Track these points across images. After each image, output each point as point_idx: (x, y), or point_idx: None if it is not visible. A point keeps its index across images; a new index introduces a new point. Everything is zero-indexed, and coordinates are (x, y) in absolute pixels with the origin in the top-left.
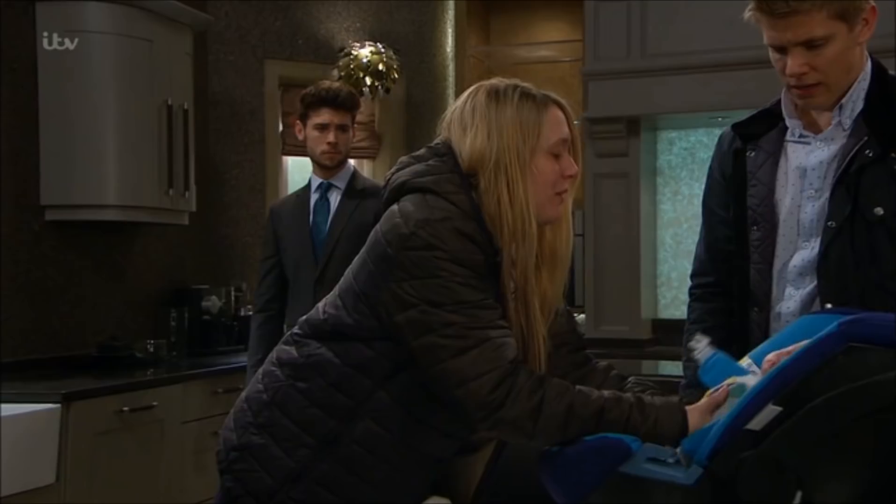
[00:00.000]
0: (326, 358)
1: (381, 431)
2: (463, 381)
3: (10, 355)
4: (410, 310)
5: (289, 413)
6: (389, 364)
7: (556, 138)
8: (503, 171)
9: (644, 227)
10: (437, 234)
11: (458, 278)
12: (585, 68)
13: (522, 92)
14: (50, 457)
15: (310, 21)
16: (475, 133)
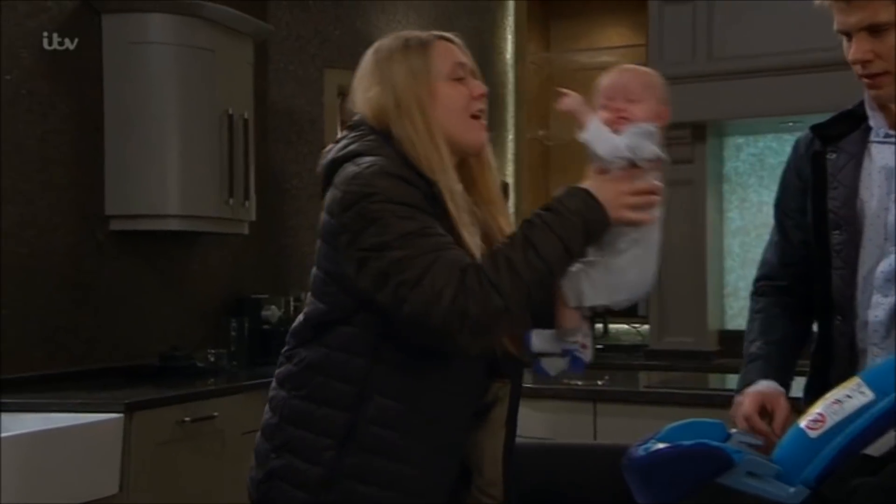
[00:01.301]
0: (316, 355)
1: (390, 404)
2: (427, 307)
3: (74, 365)
4: (365, 266)
5: (300, 423)
6: (373, 335)
7: (449, 63)
8: (405, 115)
9: (710, 236)
10: (367, 182)
11: (395, 215)
12: None
13: (405, 40)
14: (113, 467)
15: (369, 29)
16: (369, 89)
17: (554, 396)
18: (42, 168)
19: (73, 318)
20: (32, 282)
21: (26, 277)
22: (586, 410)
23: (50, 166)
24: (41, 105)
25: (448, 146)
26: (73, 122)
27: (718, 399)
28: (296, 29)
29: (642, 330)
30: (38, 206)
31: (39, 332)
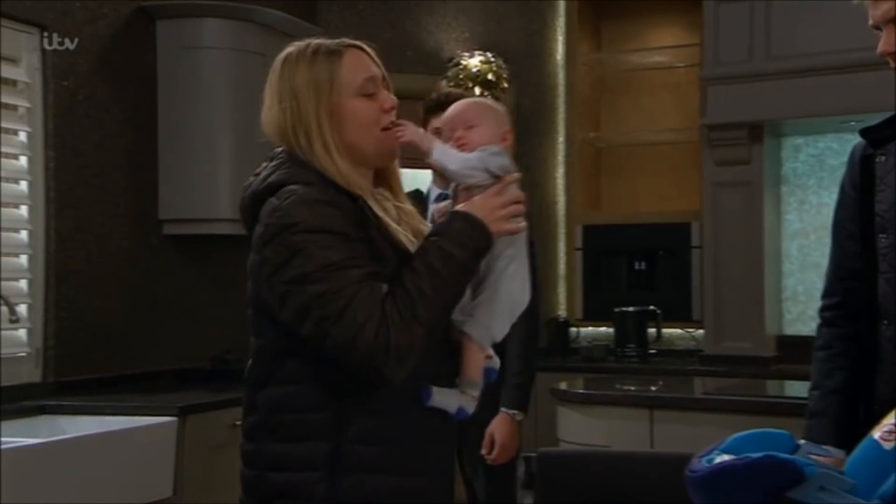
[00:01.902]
0: (276, 394)
1: (370, 421)
2: (351, 341)
3: (129, 368)
4: (287, 300)
5: (284, 467)
6: (325, 359)
7: (359, 79)
8: (306, 134)
9: (768, 239)
10: (286, 213)
11: (317, 245)
12: (705, 72)
13: (312, 50)
14: (167, 470)
15: (419, 32)
16: (271, 106)
17: (609, 403)
18: (98, 173)
19: (127, 321)
20: (88, 286)
21: (82, 281)
22: (643, 417)
23: (105, 171)
24: (97, 110)
25: (359, 160)
26: (127, 128)
27: (782, 407)
28: (345, 32)
29: (696, 334)
30: (93, 210)
31: (95, 336)
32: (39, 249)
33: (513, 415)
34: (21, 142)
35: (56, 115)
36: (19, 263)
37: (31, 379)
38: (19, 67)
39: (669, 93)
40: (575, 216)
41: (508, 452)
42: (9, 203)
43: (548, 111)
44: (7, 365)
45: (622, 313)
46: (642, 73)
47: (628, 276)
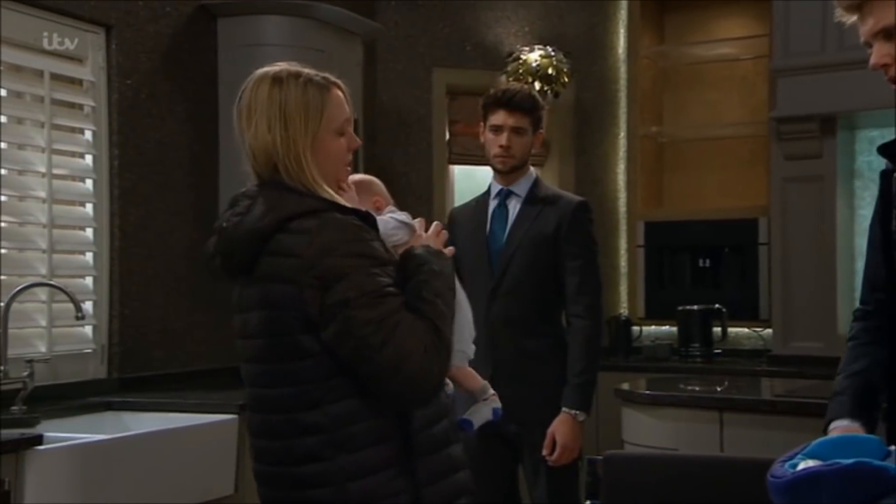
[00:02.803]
0: (340, 410)
1: (428, 412)
2: (396, 369)
3: (190, 365)
4: (331, 323)
5: (362, 474)
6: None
7: (342, 118)
8: (294, 161)
9: (841, 235)
10: (322, 240)
11: (358, 270)
12: (774, 64)
13: (306, 78)
14: (229, 467)
15: (478, 27)
16: (256, 127)
17: (676, 404)
18: (160, 171)
19: (189, 318)
20: (151, 283)
21: (145, 278)
22: (712, 420)
23: (167, 169)
24: (160, 109)
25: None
26: (189, 125)
27: None
28: (404, 28)
29: (764, 334)
30: (156, 207)
31: (158, 333)
32: (104, 247)
33: (574, 415)
34: (87, 140)
35: (120, 114)
36: (85, 261)
37: (96, 375)
38: (85, 67)
39: (735, 86)
40: (636, 213)
41: (570, 454)
42: (74, 201)
43: (609, 106)
44: (74, 361)
45: (686, 312)
46: (706, 66)
47: (692, 274)
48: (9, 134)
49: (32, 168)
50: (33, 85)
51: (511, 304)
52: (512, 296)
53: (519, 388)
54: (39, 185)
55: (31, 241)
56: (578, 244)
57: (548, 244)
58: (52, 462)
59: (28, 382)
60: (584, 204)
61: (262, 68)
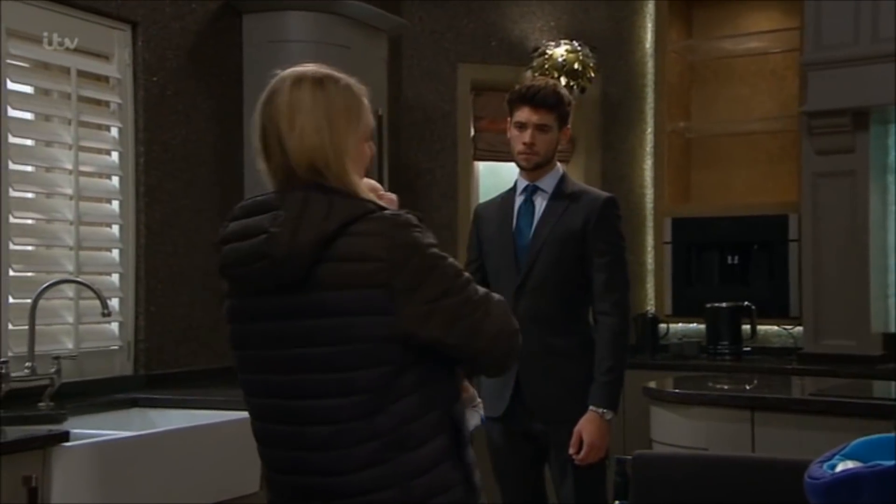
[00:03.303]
0: (400, 410)
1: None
2: (493, 340)
3: (216, 362)
4: (433, 317)
5: (420, 472)
6: (420, 364)
7: (371, 125)
8: (339, 162)
9: (873, 231)
10: (401, 240)
11: (442, 259)
12: (806, 57)
13: (346, 82)
14: (254, 465)
15: (503, 22)
16: (301, 129)
17: (707, 403)
18: (186, 168)
19: (214, 315)
20: (176, 280)
21: (171, 275)
22: (743, 419)
23: (193, 166)
24: (185, 106)
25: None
26: (214, 122)
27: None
28: (429, 24)
29: (794, 332)
30: (181, 205)
31: (183, 330)
32: (130, 244)
33: (602, 413)
34: (113, 137)
35: (146, 111)
36: (111, 258)
37: (122, 372)
38: (111, 64)
39: (765, 80)
40: (664, 209)
41: (598, 453)
42: (101, 198)
43: (636, 101)
44: (100, 358)
45: (714, 309)
46: (735, 60)
47: (720, 271)
48: (37, 131)
49: (60, 165)
50: (60, 82)
51: (537, 300)
52: (538, 292)
53: (545, 386)
54: (66, 182)
55: (59, 238)
56: (606, 240)
57: (575, 240)
58: (79, 459)
59: (55, 379)
60: (612, 199)
61: (291, 69)
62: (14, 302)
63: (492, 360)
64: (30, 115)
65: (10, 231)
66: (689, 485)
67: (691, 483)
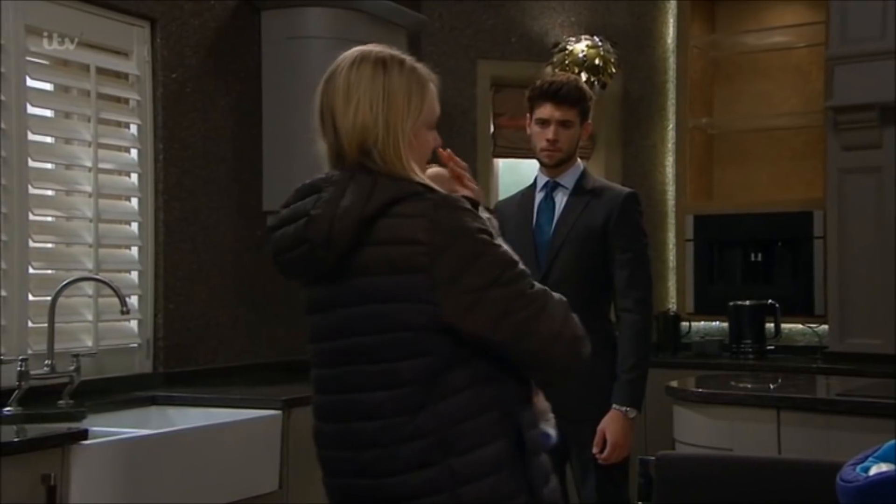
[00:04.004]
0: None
1: (525, 407)
2: (558, 334)
3: (236, 360)
4: (478, 307)
5: (475, 476)
6: (476, 360)
7: (436, 112)
8: (392, 143)
9: None
10: (444, 223)
11: (490, 246)
12: (831, 51)
13: (411, 65)
14: (273, 464)
15: (523, 18)
16: (357, 105)
17: (732, 402)
18: (204, 165)
19: (232, 313)
20: (195, 277)
21: (189, 273)
22: (769, 419)
23: (211, 163)
24: (204, 103)
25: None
26: (233, 119)
27: None
28: (449, 20)
29: (819, 330)
30: (200, 202)
31: (202, 327)
32: (149, 241)
33: (625, 412)
34: (132, 135)
35: (165, 108)
36: (130, 255)
37: (142, 370)
38: (130, 61)
39: (789, 75)
40: (685, 206)
41: (621, 452)
42: (120, 195)
43: (657, 97)
44: (119, 356)
45: (737, 307)
46: (759, 55)
47: (743, 269)
48: (56, 128)
49: (79, 162)
50: (80, 79)
51: None
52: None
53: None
54: (86, 180)
55: (78, 236)
56: (627, 237)
57: (596, 237)
58: (98, 457)
59: (75, 377)
60: (634, 195)
61: (355, 48)
62: (34, 299)
63: (547, 364)
64: (50, 113)
65: (30, 228)
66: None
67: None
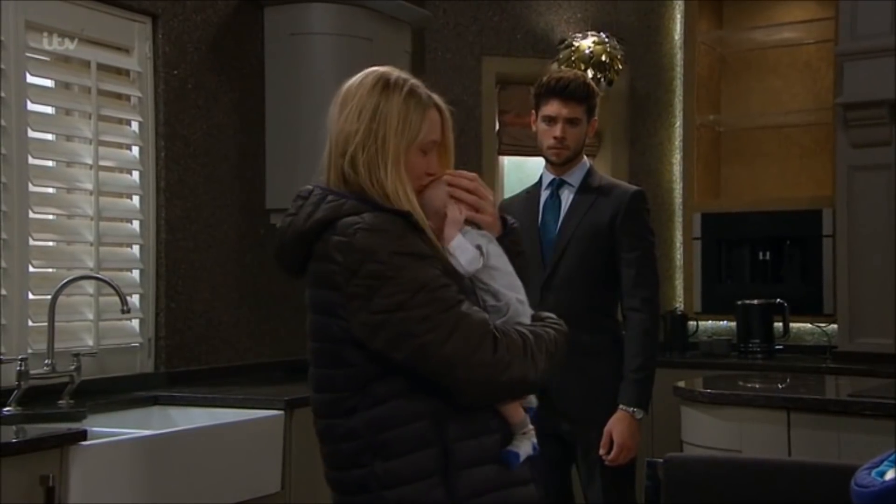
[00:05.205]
0: (374, 416)
1: (467, 420)
2: (464, 359)
3: (237, 359)
4: (382, 330)
5: (396, 482)
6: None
7: (431, 138)
8: (367, 158)
9: None
10: (361, 245)
11: (403, 270)
12: (840, 48)
13: (412, 87)
14: (275, 464)
15: (529, 14)
16: (349, 115)
17: (741, 403)
18: (207, 162)
19: (235, 312)
20: (197, 276)
21: (191, 271)
22: (779, 420)
23: (214, 160)
24: (206, 99)
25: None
26: (236, 116)
27: None
28: (453, 16)
29: (828, 329)
30: (202, 200)
31: (204, 327)
32: (150, 240)
33: (632, 412)
34: (133, 132)
35: (166, 105)
36: (131, 254)
37: (143, 370)
38: (131, 57)
39: (798, 72)
40: (693, 204)
41: (628, 453)
42: (121, 193)
43: (664, 94)
44: (121, 355)
45: (745, 306)
46: (767, 52)
47: (751, 267)
48: (57, 125)
49: (80, 160)
50: (80, 76)
51: (564, 296)
52: (565, 288)
53: (573, 385)
54: (87, 178)
55: (79, 234)
56: (634, 235)
57: (602, 235)
58: (97, 457)
59: (75, 376)
60: (640, 193)
61: (373, 68)
62: (34, 298)
63: (454, 387)
64: (50, 109)
65: (30, 226)
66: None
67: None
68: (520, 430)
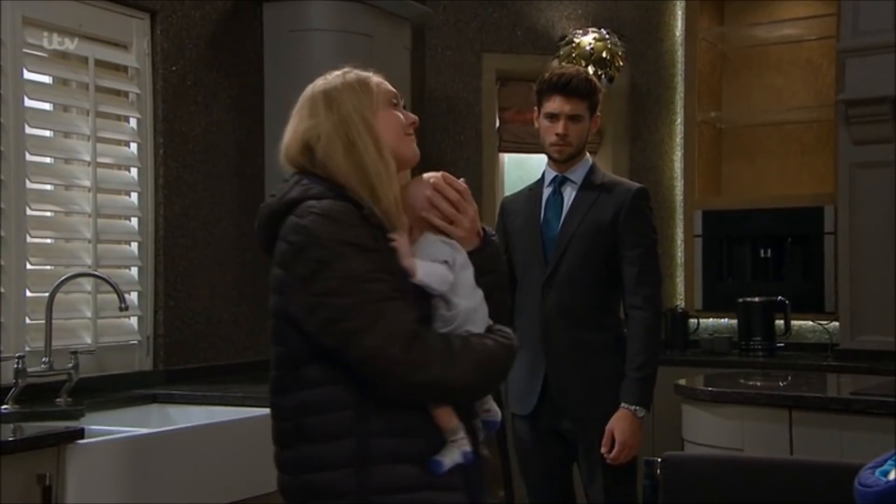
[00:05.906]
0: (302, 399)
1: (390, 414)
2: (381, 350)
3: (237, 357)
4: (314, 312)
5: (313, 468)
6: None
7: (388, 90)
8: (356, 134)
9: None
10: (308, 229)
11: (341, 258)
12: (842, 44)
13: (346, 70)
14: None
15: (529, 10)
16: (300, 113)
17: (742, 401)
18: (205, 159)
19: (234, 310)
20: (196, 273)
21: (190, 269)
22: (781, 419)
23: (212, 157)
24: (205, 96)
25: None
26: (234, 113)
27: None
28: (454, 12)
29: (830, 327)
30: (201, 197)
31: (203, 324)
32: (149, 237)
33: (634, 410)
34: (131, 129)
35: (164, 101)
36: (129, 251)
37: (141, 367)
38: (129, 53)
39: (799, 68)
40: (694, 201)
41: (630, 451)
42: (120, 190)
43: (665, 90)
44: (119, 353)
45: (747, 304)
46: (769, 48)
47: (752, 265)
48: (55, 121)
49: (78, 157)
50: (78, 72)
51: (566, 294)
52: (567, 286)
53: (574, 383)
54: (85, 174)
55: (77, 231)
56: (637, 232)
57: (605, 232)
58: (94, 456)
59: (73, 374)
60: (643, 191)
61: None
62: (32, 295)
63: (372, 380)
64: (48, 106)
65: (27, 223)
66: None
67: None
68: (450, 437)
